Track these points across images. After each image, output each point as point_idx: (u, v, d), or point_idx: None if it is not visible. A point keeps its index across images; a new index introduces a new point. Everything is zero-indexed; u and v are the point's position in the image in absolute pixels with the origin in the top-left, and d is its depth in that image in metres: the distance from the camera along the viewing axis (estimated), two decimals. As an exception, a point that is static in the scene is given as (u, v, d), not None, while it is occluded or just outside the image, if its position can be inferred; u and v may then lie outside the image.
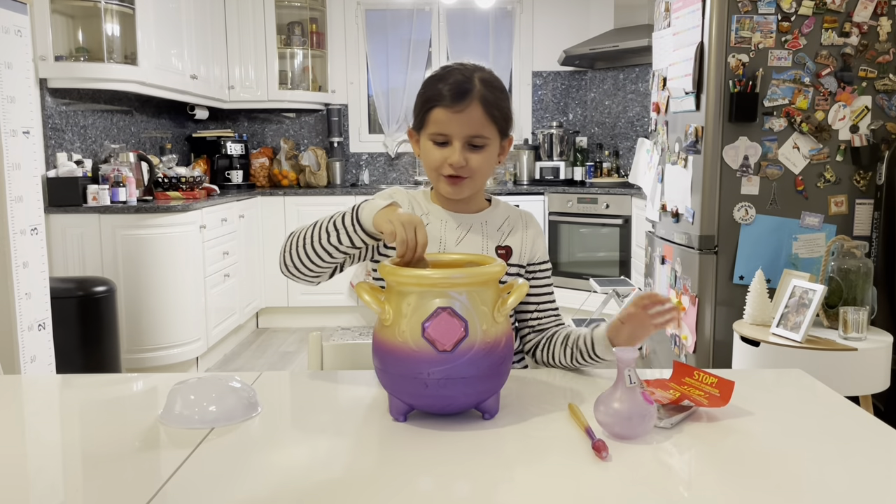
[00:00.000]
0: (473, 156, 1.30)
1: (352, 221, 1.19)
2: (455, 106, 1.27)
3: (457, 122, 1.27)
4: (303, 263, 1.26)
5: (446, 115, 1.28)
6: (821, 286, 2.39)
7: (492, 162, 1.34)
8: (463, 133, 1.28)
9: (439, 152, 1.30)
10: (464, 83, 1.28)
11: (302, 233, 1.26)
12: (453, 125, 1.28)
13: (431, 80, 1.32)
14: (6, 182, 2.40)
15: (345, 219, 1.20)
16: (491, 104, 1.29)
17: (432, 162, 1.32)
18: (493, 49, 5.44)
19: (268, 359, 4.24)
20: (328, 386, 1.28)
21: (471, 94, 1.27)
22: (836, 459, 0.95)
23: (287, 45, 5.18)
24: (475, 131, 1.29)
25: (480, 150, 1.30)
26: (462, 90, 1.27)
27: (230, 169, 5.11)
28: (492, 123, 1.30)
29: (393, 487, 0.87)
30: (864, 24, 2.63)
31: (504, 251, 1.39)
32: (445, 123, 1.28)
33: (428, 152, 1.32)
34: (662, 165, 3.17)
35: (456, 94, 1.27)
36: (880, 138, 2.66)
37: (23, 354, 2.48)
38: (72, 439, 1.06)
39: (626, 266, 4.59)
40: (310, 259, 1.25)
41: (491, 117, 1.29)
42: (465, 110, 1.27)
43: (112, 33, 3.74)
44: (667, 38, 3.07)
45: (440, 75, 1.31)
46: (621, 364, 1.00)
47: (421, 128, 1.33)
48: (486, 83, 1.30)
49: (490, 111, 1.29)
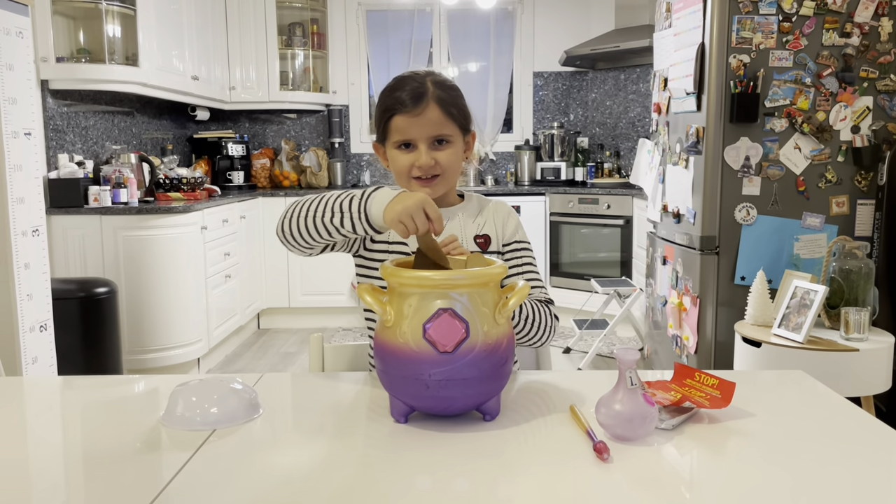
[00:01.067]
0: (440, 154, 1.34)
1: (359, 210, 1.18)
2: (413, 110, 1.31)
3: (417, 126, 1.32)
4: (300, 233, 1.25)
5: (406, 120, 1.32)
6: (822, 287, 2.39)
7: (459, 158, 1.39)
8: (425, 134, 1.33)
9: (406, 157, 1.35)
10: (417, 88, 1.33)
11: (307, 203, 1.25)
12: (414, 129, 1.32)
13: (386, 91, 1.36)
14: (7, 183, 2.41)
15: (352, 204, 1.19)
16: (447, 103, 1.34)
17: (401, 168, 1.36)
18: (494, 49, 5.44)
19: (269, 360, 4.24)
20: (329, 387, 1.28)
21: (426, 96, 1.32)
22: (837, 461, 0.95)
23: (288, 45, 5.18)
24: (436, 131, 1.33)
25: (445, 148, 1.35)
26: (417, 94, 1.32)
27: (231, 170, 5.12)
28: (451, 121, 1.35)
29: (394, 489, 0.87)
30: (866, 25, 2.62)
31: (482, 240, 1.42)
32: (406, 129, 1.33)
33: (395, 160, 1.36)
34: (663, 166, 3.16)
35: (412, 98, 1.32)
36: (881, 139, 2.66)
37: (24, 356, 2.49)
38: (73, 441, 1.07)
39: (627, 267, 4.59)
40: (308, 231, 1.24)
41: (449, 115, 1.34)
42: (423, 112, 1.32)
43: (113, 34, 3.74)
44: (668, 39, 3.07)
45: (393, 86, 1.36)
46: (622, 366, 1.00)
47: (384, 139, 1.38)
48: (439, 84, 1.35)
49: (447, 109, 1.34)
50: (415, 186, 1.36)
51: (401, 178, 1.37)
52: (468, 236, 1.42)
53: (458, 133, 1.37)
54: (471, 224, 1.43)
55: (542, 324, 1.34)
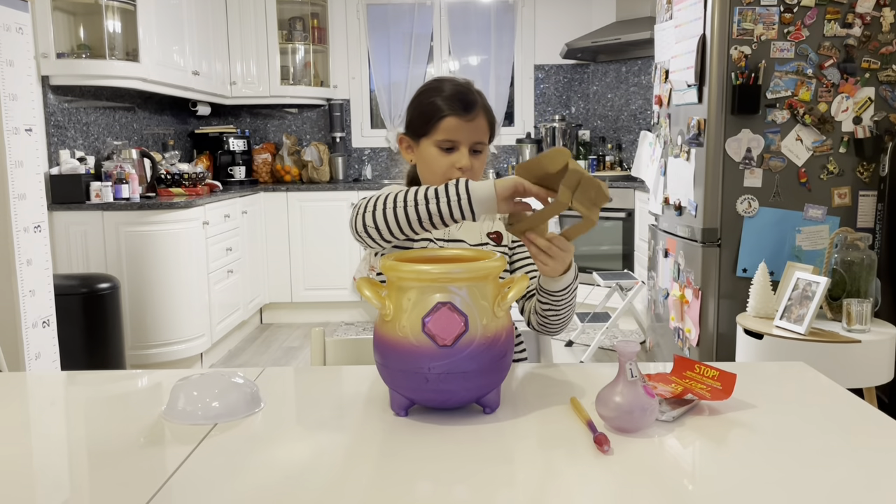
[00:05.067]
0: (476, 160, 1.42)
1: (457, 193, 1.16)
2: (466, 115, 1.39)
3: (466, 130, 1.39)
4: (385, 223, 1.22)
5: (458, 123, 1.39)
6: (824, 278, 2.39)
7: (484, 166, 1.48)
8: (470, 139, 1.40)
9: (448, 158, 1.41)
10: (468, 94, 1.41)
11: (390, 195, 1.23)
12: (462, 132, 1.39)
13: (431, 92, 1.42)
14: (9, 180, 2.41)
15: (448, 189, 1.17)
16: (490, 114, 1.44)
17: (439, 167, 1.40)
18: (495, 43, 5.43)
19: (272, 354, 4.25)
20: (330, 381, 1.28)
21: (477, 105, 1.41)
22: (839, 452, 0.95)
23: (288, 40, 5.18)
24: (479, 138, 1.41)
25: (479, 155, 1.43)
26: (470, 101, 1.40)
27: (233, 165, 5.12)
28: (488, 131, 1.44)
29: (394, 482, 0.87)
30: (867, 15, 2.61)
31: (495, 235, 1.49)
32: (455, 131, 1.39)
33: (434, 158, 1.41)
34: (665, 158, 3.16)
35: (466, 104, 1.39)
36: (884, 129, 2.65)
37: (27, 351, 2.49)
38: (76, 435, 1.07)
39: (629, 259, 4.59)
40: (394, 220, 1.21)
41: (489, 126, 1.44)
42: (474, 119, 1.40)
43: (113, 30, 3.74)
44: (669, 31, 3.06)
45: (437, 88, 1.42)
46: (623, 358, 1.00)
47: (424, 135, 1.42)
48: (481, 94, 1.45)
49: (490, 119, 1.44)
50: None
51: (434, 175, 1.41)
52: (482, 232, 1.48)
53: (488, 144, 1.46)
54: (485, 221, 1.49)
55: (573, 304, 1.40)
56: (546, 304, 1.35)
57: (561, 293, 1.32)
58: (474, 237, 1.47)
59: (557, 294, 1.32)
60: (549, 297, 1.33)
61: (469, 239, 1.46)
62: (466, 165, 1.39)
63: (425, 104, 1.41)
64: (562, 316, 1.37)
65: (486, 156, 1.45)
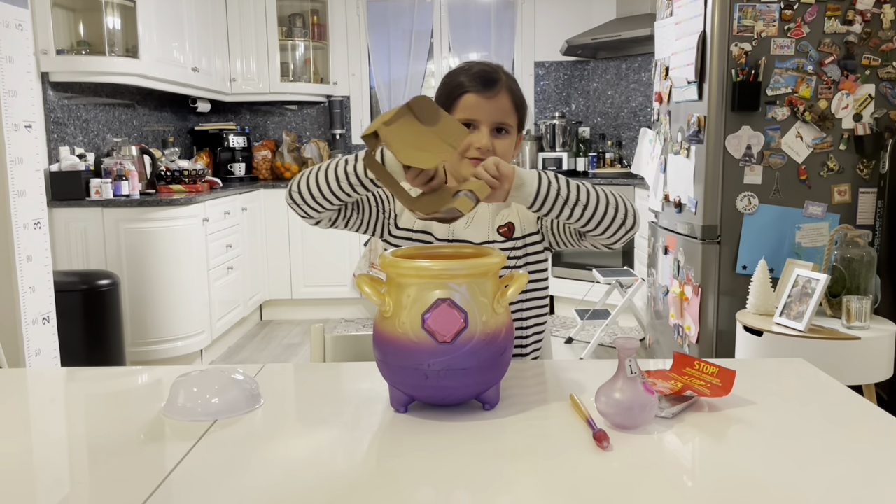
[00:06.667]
0: (498, 141, 1.36)
1: (355, 156, 1.23)
2: (486, 92, 1.34)
3: (486, 108, 1.34)
4: (309, 192, 1.28)
5: (477, 100, 1.34)
6: (824, 275, 2.39)
7: (511, 151, 1.40)
8: (491, 118, 1.35)
9: None
10: (492, 73, 1.36)
11: (316, 165, 1.30)
12: (483, 110, 1.34)
13: (457, 72, 1.40)
14: (9, 176, 2.41)
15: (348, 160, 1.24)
16: (516, 94, 1.38)
17: None
18: (495, 39, 5.42)
19: (272, 351, 4.25)
20: (330, 378, 1.29)
21: (500, 82, 1.36)
22: (838, 449, 0.95)
23: (288, 37, 5.17)
24: (502, 118, 1.36)
25: (504, 137, 1.37)
26: (492, 78, 1.35)
27: (232, 162, 5.11)
28: (515, 113, 1.38)
29: (394, 478, 0.87)
30: (868, 12, 2.61)
31: (506, 228, 1.43)
32: (475, 108, 1.34)
33: None
34: (665, 155, 3.16)
35: (487, 81, 1.35)
36: (884, 127, 2.65)
37: (27, 348, 2.49)
38: (76, 432, 1.07)
39: (629, 256, 4.59)
40: (316, 188, 1.27)
41: (515, 106, 1.38)
42: (495, 97, 1.35)
43: (113, 26, 3.73)
44: (669, 28, 3.06)
45: (465, 67, 1.38)
46: (622, 354, 1.00)
47: None
48: (510, 76, 1.39)
49: (515, 100, 1.38)
50: (465, 166, 1.35)
51: None
52: (491, 228, 1.43)
53: (516, 126, 1.39)
54: (496, 215, 1.44)
55: (612, 197, 1.25)
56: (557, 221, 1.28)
57: (546, 201, 1.19)
58: (480, 235, 1.42)
59: (544, 209, 1.20)
60: (547, 214, 1.22)
61: (474, 238, 1.42)
62: (486, 145, 1.33)
63: (447, 83, 1.39)
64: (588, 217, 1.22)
65: (512, 139, 1.38)
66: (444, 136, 1.09)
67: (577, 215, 1.22)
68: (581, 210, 1.22)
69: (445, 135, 1.09)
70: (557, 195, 1.19)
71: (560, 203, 1.20)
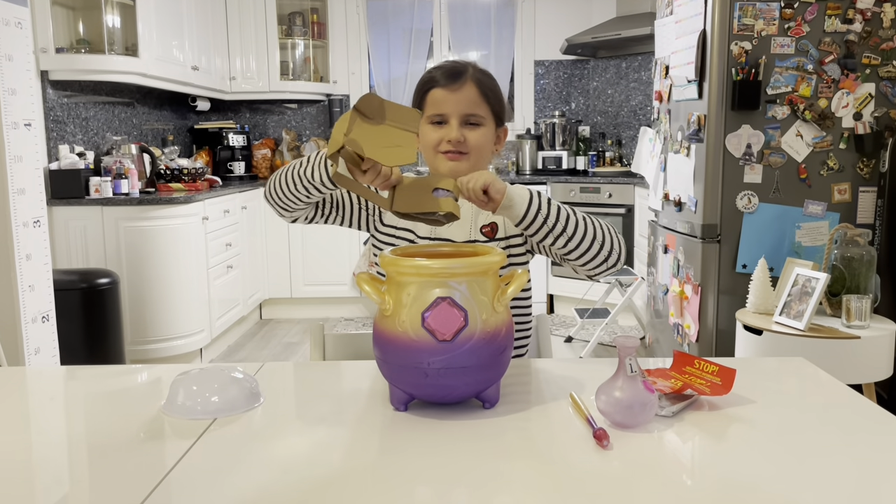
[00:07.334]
0: (470, 133, 1.36)
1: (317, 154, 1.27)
2: (451, 85, 1.36)
3: (453, 101, 1.36)
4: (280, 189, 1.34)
5: (443, 94, 1.36)
6: (824, 274, 2.39)
7: (489, 144, 1.40)
8: (459, 111, 1.36)
9: (436, 132, 1.38)
10: (458, 67, 1.38)
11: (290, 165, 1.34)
12: (449, 104, 1.36)
13: (429, 70, 1.43)
14: (8, 174, 2.41)
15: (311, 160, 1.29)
16: (484, 85, 1.38)
17: (430, 141, 1.38)
18: (495, 38, 5.42)
19: (271, 350, 4.25)
20: (330, 376, 1.28)
21: (465, 74, 1.37)
22: (838, 448, 0.95)
23: (288, 35, 5.17)
24: (470, 109, 1.36)
25: (477, 129, 1.37)
26: (456, 71, 1.37)
27: (232, 160, 5.11)
28: (485, 103, 1.38)
29: (393, 476, 0.87)
30: (868, 11, 2.61)
31: (489, 228, 1.43)
32: (442, 103, 1.36)
33: (426, 134, 1.39)
34: (665, 154, 3.16)
35: (452, 74, 1.37)
36: (884, 126, 2.65)
37: (27, 346, 2.49)
38: (76, 430, 1.07)
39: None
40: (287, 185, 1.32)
41: (485, 97, 1.37)
42: (460, 89, 1.36)
43: (113, 25, 3.73)
44: (669, 26, 3.05)
45: (436, 66, 1.43)
46: (622, 352, 1.00)
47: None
48: (479, 69, 1.40)
49: (484, 90, 1.37)
50: (441, 161, 1.37)
51: (428, 152, 1.39)
52: (473, 228, 1.43)
53: (491, 118, 1.39)
54: (479, 214, 1.43)
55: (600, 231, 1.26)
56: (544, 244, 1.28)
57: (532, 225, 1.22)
58: (463, 234, 1.42)
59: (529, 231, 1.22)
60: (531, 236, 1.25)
61: (457, 237, 1.41)
62: (456, 137, 1.34)
63: (420, 80, 1.42)
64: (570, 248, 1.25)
65: (487, 131, 1.38)
66: (401, 125, 1.11)
67: (559, 244, 1.26)
68: (565, 240, 1.25)
69: (401, 123, 1.11)
70: (544, 223, 1.23)
71: (545, 230, 1.24)
